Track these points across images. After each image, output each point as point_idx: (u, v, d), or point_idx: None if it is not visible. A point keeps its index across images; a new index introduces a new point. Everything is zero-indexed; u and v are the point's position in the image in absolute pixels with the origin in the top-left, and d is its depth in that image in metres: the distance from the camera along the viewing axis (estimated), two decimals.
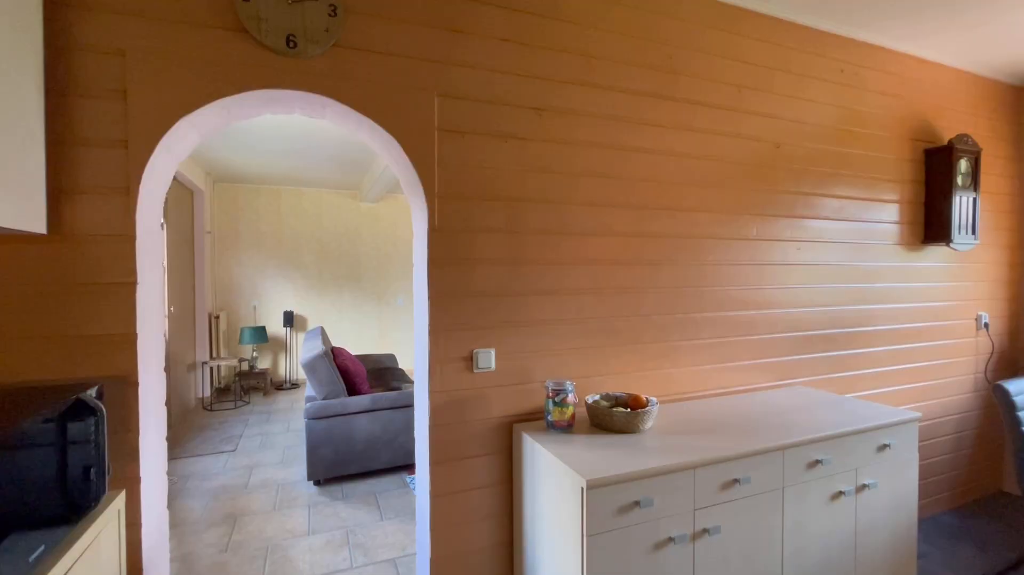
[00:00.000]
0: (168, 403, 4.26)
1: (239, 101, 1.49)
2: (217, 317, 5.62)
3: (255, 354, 5.88)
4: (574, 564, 1.36)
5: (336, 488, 3.21)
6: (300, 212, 6.37)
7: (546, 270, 1.83)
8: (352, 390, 3.49)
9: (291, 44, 1.45)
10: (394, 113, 1.60)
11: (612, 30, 1.92)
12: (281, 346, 6.31)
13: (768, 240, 2.26)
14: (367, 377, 4.07)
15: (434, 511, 1.68)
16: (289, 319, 6.12)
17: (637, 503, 1.36)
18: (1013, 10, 2.20)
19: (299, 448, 3.93)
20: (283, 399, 5.53)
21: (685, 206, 2.07)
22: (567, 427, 1.67)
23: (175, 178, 4.52)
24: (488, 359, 1.73)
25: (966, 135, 2.65)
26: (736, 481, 1.51)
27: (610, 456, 1.45)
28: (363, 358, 5.35)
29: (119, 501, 1.29)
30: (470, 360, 1.72)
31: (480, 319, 1.73)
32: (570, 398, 1.66)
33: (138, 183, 1.35)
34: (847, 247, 2.48)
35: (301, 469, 3.51)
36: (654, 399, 1.74)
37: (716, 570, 1.49)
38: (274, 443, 4.06)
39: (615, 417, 1.65)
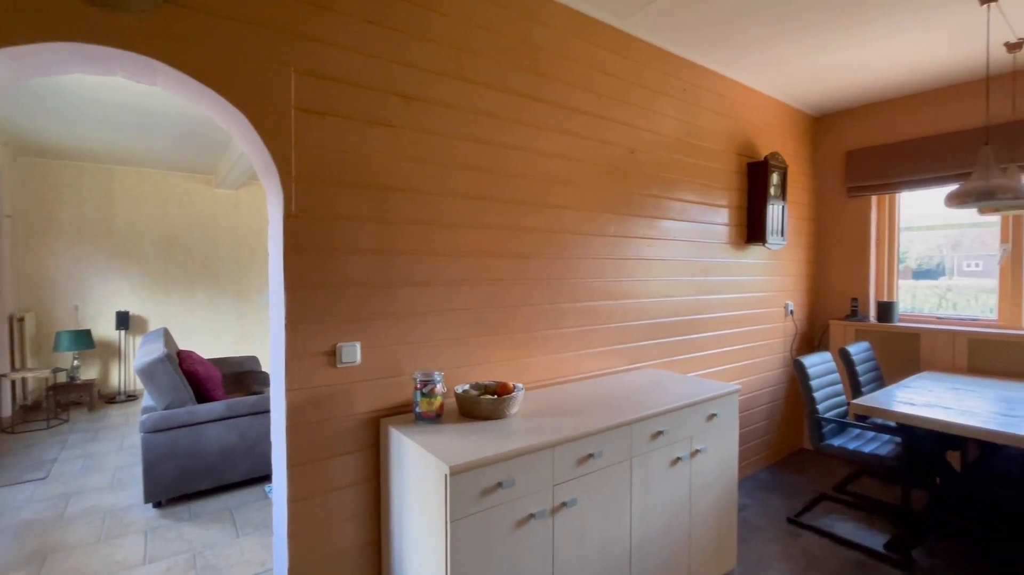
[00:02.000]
0: None
1: (35, 53, 1.24)
2: (21, 319, 4.63)
3: (77, 363, 4.96)
4: (438, 551, 1.37)
5: (182, 508, 2.84)
6: (139, 196, 5.50)
7: (418, 261, 1.81)
8: (203, 397, 3.12)
9: None
10: (242, 85, 1.45)
11: (483, 27, 1.96)
12: (113, 352, 5.40)
13: (624, 237, 2.48)
14: (223, 382, 3.66)
15: (292, 517, 1.57)
16: (124, 321, 5.26)
17: (500, 484, 1.41)
18: (812, 53, 2.68)
19: (135, 468, 3.40)
20: (115, 414, 4.74)
21: (553, 203, 2.19)
22: (435, 418, 1.67)
23: None
24: (353, 353, 1.66)
25: (777, 153, 3.17)
26: (591, 455, 1.64)
27: (476, 442, 1.48)
28: (220, 362, 4.80)
29: None
30: (333, 355, 1.63)
31: (345, 311, 1.65)
32: (438, 389, 1.67)
33: None
34: (688, 245, 2.83)
35: (137, 491, 3.04)
36: (520, 386, 1.82)
37: (573, 539, 1.60)
38: (101, 465, 3.47)
39: (482, 404, 1.69)
